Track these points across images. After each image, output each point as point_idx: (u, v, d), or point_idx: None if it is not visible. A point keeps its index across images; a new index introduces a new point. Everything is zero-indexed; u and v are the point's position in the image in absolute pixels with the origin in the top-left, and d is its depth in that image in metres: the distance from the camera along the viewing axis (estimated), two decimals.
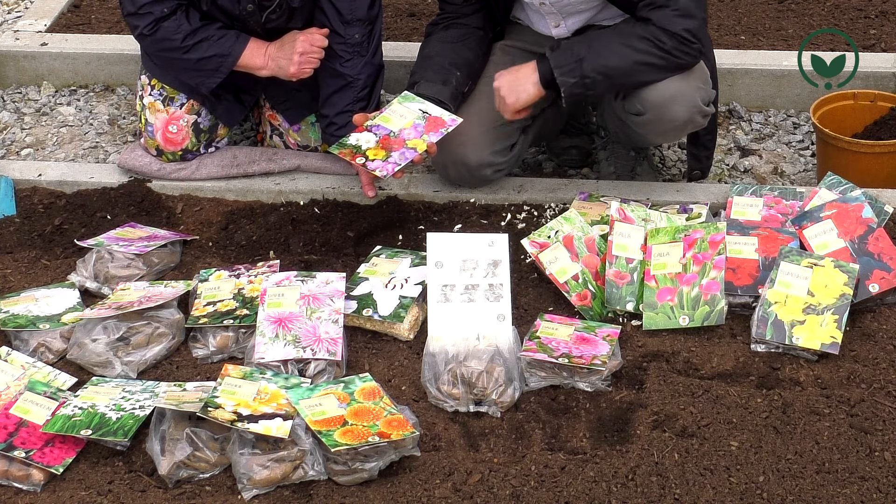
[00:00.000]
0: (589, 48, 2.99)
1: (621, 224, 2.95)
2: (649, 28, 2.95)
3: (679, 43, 2.95)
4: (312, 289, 2.84)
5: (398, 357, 2.77)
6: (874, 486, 2.38)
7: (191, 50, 3.19)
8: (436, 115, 3.07)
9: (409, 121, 3.06)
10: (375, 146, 3.02)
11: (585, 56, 2.97)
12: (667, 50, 2.95)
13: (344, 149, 3.04)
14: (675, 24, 2.93)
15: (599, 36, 3.03)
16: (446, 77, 3.16)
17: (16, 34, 4.17)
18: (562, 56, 3.00)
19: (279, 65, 3.23)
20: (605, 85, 3.03)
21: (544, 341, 2.71)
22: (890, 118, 3.43)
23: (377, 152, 3.01)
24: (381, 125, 3.07)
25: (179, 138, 3.37)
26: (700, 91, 3.07)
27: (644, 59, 2.96)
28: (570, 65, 2.97)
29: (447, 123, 3.05)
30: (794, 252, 2.84)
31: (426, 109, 3.08)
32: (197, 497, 2.43)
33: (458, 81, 3.19)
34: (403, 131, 3.04)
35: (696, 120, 3.11)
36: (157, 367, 2.78)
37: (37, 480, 2.48)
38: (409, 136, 3.02)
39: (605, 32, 3.03)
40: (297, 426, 2.48)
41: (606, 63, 2.97)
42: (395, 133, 3.04)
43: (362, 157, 3.00)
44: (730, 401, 2.58)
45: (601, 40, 3.00)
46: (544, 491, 2.40)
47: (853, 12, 4.18)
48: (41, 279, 3.06)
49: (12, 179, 3.41)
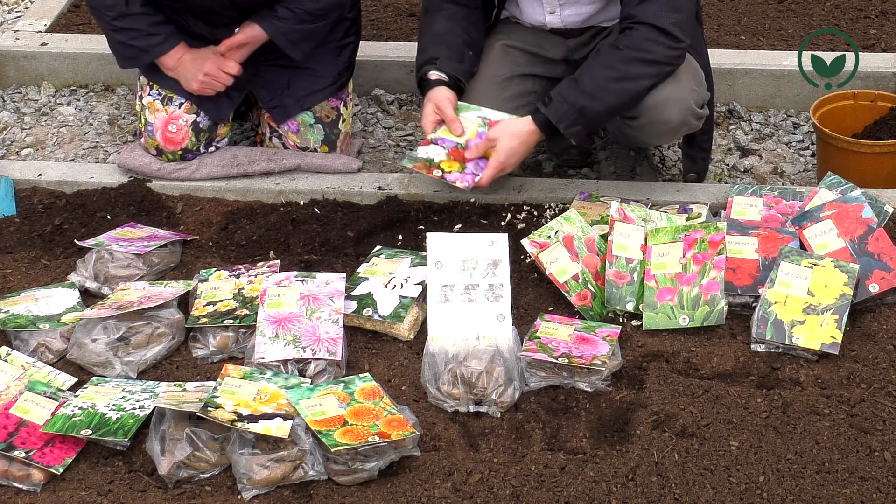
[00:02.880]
0: (584, 93, 2.95)
1: (621, 224, 2.95)
2: (632, 39, 2.93)
3: (667, 40, 2.92)
4: (312, 289, 2.84)
5: (398, 357, 2.77)
6: (874, 486, 2.38)
7: (118, 31, 3.28)
8: (496, 118, 3.08)
9: (473, 130, 3.07)
10: (447, 158, 3.05)
11: (585, 105, 2.95)
12: (656, 61, 2.94)
13: (417, 162, 3.07)
14: (664, 19, 2.92)
15: (588, 76, 2.97)
16: (461, 56, 3.17)
17: (16, 34, 4.17)
18: (560, 108, 2.96)
19: (185, 76, 3.30)
20: (610, 119, 3.07)
21: (544, 341, 2.71)
22: (890, 118, 3.43)
23: (451, 164, 3.04)
24: (445, 138, 3.08)
25: (179, 138, 3.37)
26: (693, 93, 3.07)
27: (640, 85, 2.96)
28: (571, 116, 2.95)
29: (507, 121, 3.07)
30: (794, 252, 2.84)
31: (485, 115, 3.10)
32: (197, 497, 2.43)
33: (470, 61, 3.20)
34: (470, 141, 3.06)
35: (690, 122, 3.11)
36: (157, 367, 2.78)
37: (37, 480, 2.48)
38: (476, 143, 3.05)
39: (593, 68, 2.97)
40: (297, 426, 2.48)
41: (607, 103, 2.97)
42: (463, 145, 3.06)
43: (438, 169, 3.04)
44: (730, 401, 2.58)
45: (593, 82, 2.95)
46: (544, 491, 2.40)
47: (853, 12, 4.18)
48: (41, 279, 3.06)
49: (12, 179, 3.41)
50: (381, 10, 4.32)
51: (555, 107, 2.96)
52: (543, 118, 2.98)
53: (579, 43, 3.25)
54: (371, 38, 4.02)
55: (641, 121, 3.08)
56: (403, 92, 4.00)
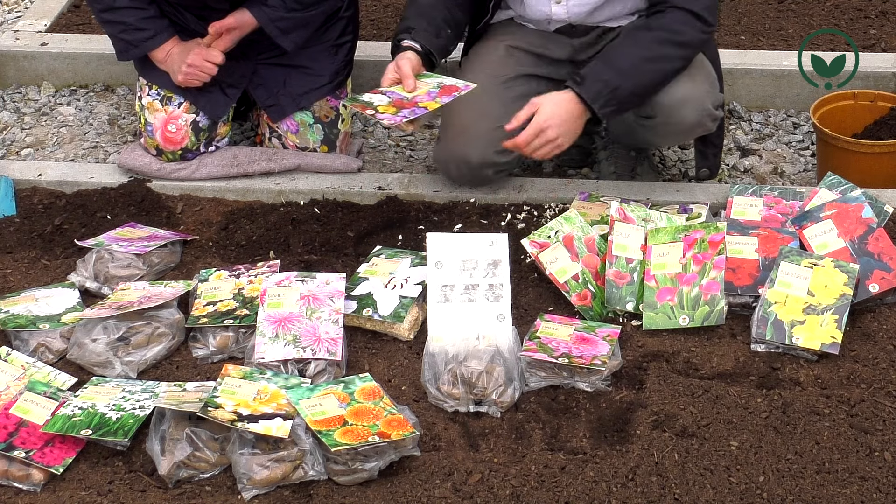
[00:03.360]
0: (618, 72, 2.94)
1: (621, 224, 2.95)
2: (664, 21, 2.95)
3: (699, 23, 2.94)
4: (312, 289, 2.84)
5: (398, 357, 2.77)
6: (874, 486, 2.38)
7: (106, 24, 3.34)
8: (450, 83, 3.07)
9: (424, 89, 3.05)
10: (387, 104, 3.02)
11: (619, 84, 2.93)
12: (687, 43, 2.96)
13: (356, 102, 3.06)
14: (695, 3, 2.94)
15: (621, 55, 2.97)
16: (438, 31, 3.16)
17: (16, 34, 4.17)
18: (593, 87, 2.93)
19: (172, 68, 3.32)
20: (640, 103, 3.03)
21: (544, 341, 2.71)
22: (890, 118, 3.43)
23: (388, 108, 3.00)
24: (395, 91, 3.06)
25: (179, 137, 3.37)
26: (709, 94, 3.07)
27: (672, 66, 2.97)
28: (605, 95, 2.93)
29: (461, 88, 3.05)
30: (794, 252, 2.84)
31: (441, 81, 3.09)
32: (197, 497, 2.43)
33: (447, 39, 3.19)
34: (417, 97, 3.03)
35: (705, 123, 3.11)
36: (157, 367, 2.78)
37: (37, 480, 2.47)
38: (422, 99, 3.02)
39: (625, 47, 2.98)
40: (297, 426, 2.48)
41: (640, 83, 2.96)
42: (409, 98, 3.03)
43: (373, 109, 3.01)
44: (730, 401, 2.58)
45: (626, 60, 2.96)
46: (544, 491, 2.40)
47: (853, 12, 4.18)
48: (41, 279, 3.06)
49: (12, 179, 3.42)
50: (381, 10, 4.32)
51: (588, 85, 2.93)
52: (578, 97, 2.95)
53: (584, 43, 3.24)
54: (371, 38, 4.01)
55: (657, 120, 3.08)
56: None
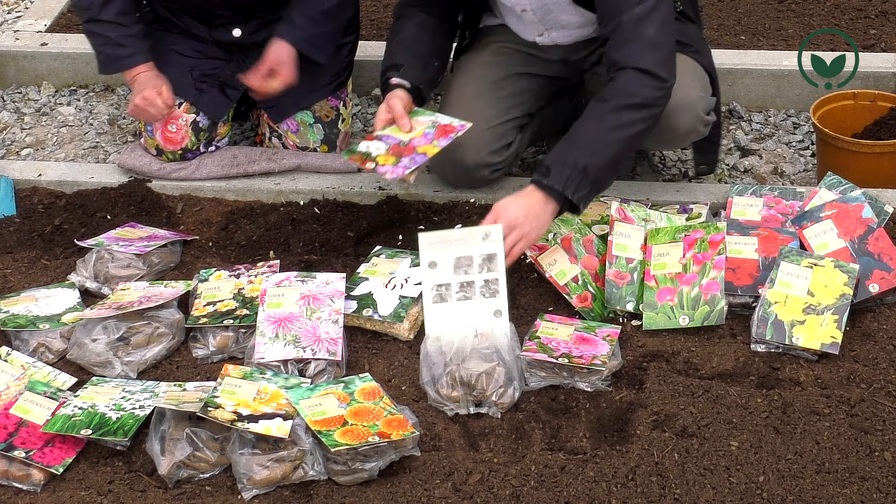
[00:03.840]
0: (582, 152, 2.79)
1: (621, 224, 2.95)
2: (617, 87, 2.82)
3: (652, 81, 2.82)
4: (312, 289, 2.84)
5: (398, 357, 2.77)
6: (874, 486, 2.38)
7: (89, 34, 3.35)
8: (445, 122, 3.05)
9: (420, 130, 3.03)
10: (386, 153, 3.00)
11: (587, 163, 2.77)
12: (644, 104, 2.82)
13: (354, 154, 3.03)
14: (646, 60, 2.82)
15: (582, 133, 2.83)
16: (426, 64, 3.14)
17: (16, 34, 4.17)
18: (562, 173, 2.77)
19: (133, 91, 3.32)
20: (613, 176, 2.93)
21: (544, 341, 2.71)
22: (890, 118, 3.43)
23: (387, 158, 2.98)
24: (391, 135, 3.04)
25: (179, 137, 3.37)
26: (701, 100, 3.06)
27: (634, 130, 2.83)
28: (576, 179, 2.77)
29: (457, 129, 3.03)
30: (794, 252, 2.84)
31: (436, 119, 3.07)
32: (197, 497, 2.43)
33: (434, 71, 3.17)
34: (414, 140, 3.01)
35: (698, 129, 3.11)
36: (157, 367, 2.78)
37: (37, 480, 2.47)
38: (420, 143, 3.00)
39: (584, 125, 2.83)
40: (297, 426, 2.48)
41: (607, 157, 2.82)
42: (405, 142, 3.01)
43: (372, 162, 2.98)
44: (730, 401, 2.58)
45: (588, 136, 2.82)
46: (544, 491, 2.40)
47: (853, 12, 4.18)
48: (41, 279, 3.06)
49: (12, 179, 3.41)
50: (381, 10, 4.32)
51: (557, 173, 2.78)
52: (549, 189, 2.78)
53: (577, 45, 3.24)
54: (371, 38, 4.01)
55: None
56: None
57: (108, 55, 3.32)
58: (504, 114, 3.20)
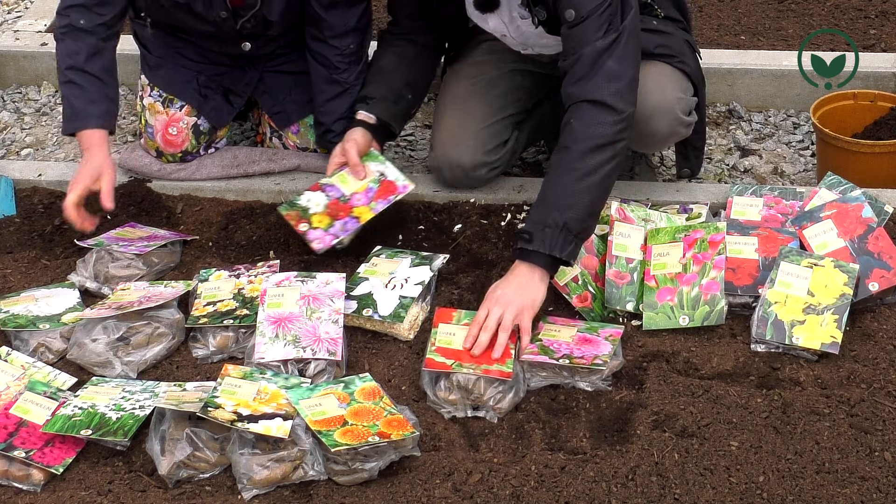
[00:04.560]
0: (557, 208, 2.71)
1: (621, 224, 2.95)
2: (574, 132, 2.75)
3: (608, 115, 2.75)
4: (312, 289, 2.84)
5: (398, 357, 2.77)
6: (874, 486, 2.38)
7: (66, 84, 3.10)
8: (391, 179, 3.06)
9: (364, 184, 3.06)
10: (322, 211, 3.03)
11: (566, 219, 2.70)
12: (606, 143, 2.74)
13: (291, 210, 3.06)
14: (601, 91, 2.76)
15: (552, 191, 2.75)
16: (399, 97, 3.14)
17: (16, 34, 4.17)
18: (544, 236, 2.70)
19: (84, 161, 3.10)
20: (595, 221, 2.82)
21: (546, 343, 2.71)
22: (890, 118, 3.43)
23: (322, 219, 3.02)
24: (336, 185, 3.07)
25: (179, 140, 3.37)
26: (680, 102, 3.06)
27: (603, 172, 2.75)
28: (560, 238, 2.70)
29: (398, 190, 3.05)
30: (794, 252, 2.84)
31: (385, 172, 3.08)
32: (197, 497, 2.43)
33: (408, 103, 3.18)
34: (355, 196, 3.04)
35: (678, 131, 3.11)
36: (157, 367, 2.78)
37: (37, 480, 2.48)
38: (359, 201, 3.03)
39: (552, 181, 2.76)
40: (297, 426, 2.48)
41: (583, 206, 2.73)
42: (346, 197, 3.04)
43: (306, 223, 3.02)
44: (730, 401, 2.58)
45: (559, 192, 2.74)
46: (544, 491, 2.40)
47: (853, 12, 4.18)
48: (41, 279, 3.06)
49: (12, 179, 3.41)
50: (382, 10, 4.31)
51: (539, 238, 2.70)
52: (534, 255, 2.71)
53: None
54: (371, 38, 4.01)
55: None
56: None
57: (78, 111, 3.09)
58: (499, 112, 3.20)
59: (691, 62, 3.16)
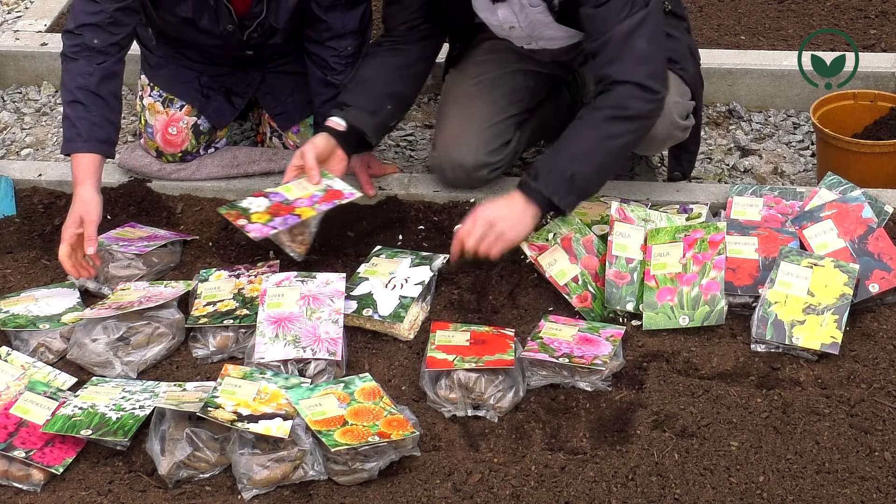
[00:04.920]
0: (571, 160, 2.81)
1: (621, 224, 2.95)
2: (610, 99, 2.81)
3: (645, 94, 2.81)
4: (312, 289, 2.84)
5: (398, 357, 2.77)
6: (874, 486, 2.38)
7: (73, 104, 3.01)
8: (337, 188, 3.00)
9: (309, 192, 2.99)
10: (264, 211, 2.97)
11: (575, 171, 2.80)
12: (636, 116, 2.82)
13: (231, 210, 3.00)
14: (638, 73, 2.80)
15: (572, 141, 2.84)
16: (378, 107, 3.08)
17: (16, 34, 4.17)
18: (550, 180, 2.80)
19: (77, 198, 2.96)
20: (600, 183, 2.93)
21: (546, 342, 2.71)
22: (890, 118, 3.43)
23: (262, 216, 2.96)
24: (280, 192, 3.01)
25: (179, 140, 3.37)
26: (677, 106, 3.06)
27: (623, 141, 2.85)
28: (563, 186, 2.80)
29: (344, 196, 2.99)
30: (794, 252, 2.84)
31: (331, 184, 3.01)
32: (197, 497, 2.43)
33: (386, 115, 3.11)
34: (298, 200, 2.97)
35: (675, 135, 3.12)
36: (157, 367, 2.78)
37: (37, 480, 2.48)
38: (301, 204, 2.96)
39: (575, 133, 2.84)
40: (297, 426, 2.48)
41: (594, 166, 2.83)
42: (289, 201, 2.98)
43: (245, 219, 2.96)
44: (730, 401, 2.58)
45: (577, 145, 2.83)
46: (544, 491, 2.40)
47: (853, 12, 4.18)
48: (41, 279, 3.06)
49: (12, 179, 3.41)
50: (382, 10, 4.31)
51: (544, 179, 2.79)
52: (536, 193, 2.80)
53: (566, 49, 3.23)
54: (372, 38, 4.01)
55: None
56: None
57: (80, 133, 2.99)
58: (501, 112, 3.20)
59: (691, 69, 3.16)
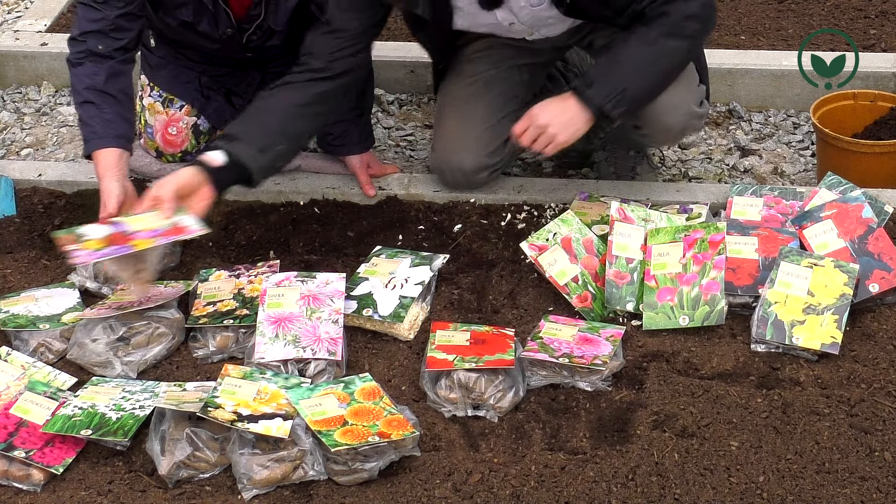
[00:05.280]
0: (627, 73, 2.89)
1: (621, 224, 2.95)
2: (669, 18, 2.87)
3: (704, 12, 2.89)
4: (312, 289, 2.84)
5: (398, 357, 2.77)
6: (874, 486, 2.38)
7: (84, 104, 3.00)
8: (184, 224, 2.76)
9: (154, 225, 2.75)
10: (100, 239, 2.75)
11: (628, 85, 2.87)
12: (691, 35, 2.91)
13: (67, 234, 2.78)
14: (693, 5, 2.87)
15: (631, 55, 2.90)
16: (267, 146, 2.90)
17: (16, 34, 4.17)
18: (603, 89, 2.87)
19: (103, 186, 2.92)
20: (648, 101, 2.98)
21: (546, 342, 2.71)
22: (890, 118, 3.43)
23: (95, 244, 2.73)
24: (123, 223, 2.79)
25: (179, 140, 3.37)
26: (693, 94, 3.08)
27: (678, 59, 2.94)
28: (616, 97, 2.86)
29: (187, 231, 2.75)
30: (794, 252, 2.84)
31: (180, 220, 2.77)
32: (197, 497, 2.43)
33: (275, 156, 2.94)
34: (138, 232, 2.75)
35: (692, 124, 3.13)
36: (157, 367, 2.78)
37: (37, 480, 2.48)
38: (140, 237, 2.74)
39: (631, 47, 2.89)
40: (297, 426, 2.48)
41: (648, 83, 2.92)
42: (128, 232, 2.75)
43: (75, 244, 2.73)
44: (730, 401, 2.58)
45: (635, 59, 2.89)
46: (544, 491, 2.40)
47: (853, 12, 4.18)
48: (41, 279, 3.06)
49: (12, 179, 3.41)
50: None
51: (598, 89, 2.87)
52: (588, 100, 2.88)
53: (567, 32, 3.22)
54: None
55: (645, 130, 3.12)
56: (404, 92, 4.00)
57: (96, 131, 2.97)
58: (498, 111, 3.20)
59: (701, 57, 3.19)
